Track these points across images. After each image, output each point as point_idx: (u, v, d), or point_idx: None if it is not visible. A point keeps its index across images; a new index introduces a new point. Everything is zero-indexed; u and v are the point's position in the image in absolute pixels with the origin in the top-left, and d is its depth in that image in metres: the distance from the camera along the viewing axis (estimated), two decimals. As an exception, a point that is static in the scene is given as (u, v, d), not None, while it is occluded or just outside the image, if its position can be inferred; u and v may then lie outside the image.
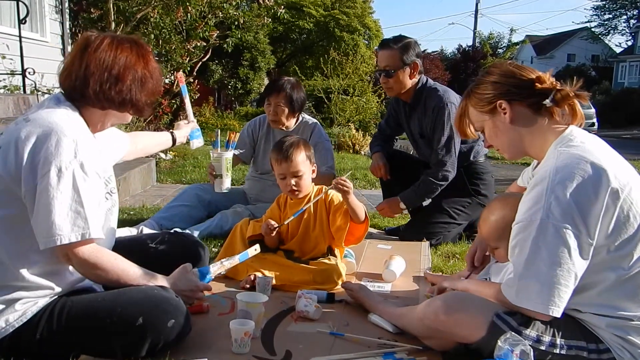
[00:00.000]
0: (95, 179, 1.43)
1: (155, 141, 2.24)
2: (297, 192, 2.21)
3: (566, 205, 1.33)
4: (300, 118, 3.10)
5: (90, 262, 1.42)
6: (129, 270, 1.52)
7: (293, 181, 2.19)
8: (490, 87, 1.55)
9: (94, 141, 1.53)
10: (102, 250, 1.46)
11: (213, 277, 1.76)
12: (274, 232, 2.17)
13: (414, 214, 3.14)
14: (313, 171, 2.27)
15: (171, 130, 2.27)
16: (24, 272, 1.41)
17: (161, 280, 1.56)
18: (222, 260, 1.83)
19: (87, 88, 1.48)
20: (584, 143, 1.44)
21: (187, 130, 2.30)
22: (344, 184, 2.07)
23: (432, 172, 2.85)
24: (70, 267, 1.47)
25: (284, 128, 3.03)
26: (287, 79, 3.04)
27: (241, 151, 2.96)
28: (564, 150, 1.43)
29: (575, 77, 1.51)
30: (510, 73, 1.54)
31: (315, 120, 3.14)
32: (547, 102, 1.49)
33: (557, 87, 1.49)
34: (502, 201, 1.80)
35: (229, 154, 2.53)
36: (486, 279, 1.88)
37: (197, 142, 2.39)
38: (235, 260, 1.85)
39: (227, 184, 2.53)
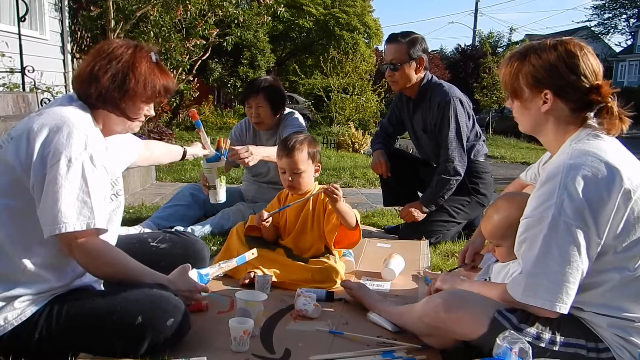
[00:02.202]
0: (103, 173, 1.45)
1: (169, 151, 2.34)
2: (293, 188, 2.22)
3: (579, 203, 1.32)
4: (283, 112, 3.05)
5: (93, 253, 1.43)
6: (130, 265, 1.52)
7: (290, 177, 2.20)
8: (548, 70, 1.43)
9: (103, 139, 1.55)
10: (105, 243, 1.47)
11: (211, 279, 1.76)
12: (266, 222, 2.17)
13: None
14: (316, 170, 2.27)
15: (184, 147, 2.39)
16: (27, 262, 1.41)
17: (161, 279, 1.56)
18: (220, 262, 1.85)
19: (74, 85, 1.54)
20: (599, 141, 1.42)
21: (199, 151, 2.41)
22: (333, 192, 2.08)
23: (442, 170, 2.85)
24: (72, 264, 1.47)
25: (267, 129, 3.02)
26: (264, 78, 3.01)
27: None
28: (579, 147, 1.41)
29: (633, 103, 1.44)
30: (574, 67, 1.42)
31: (291, 110, 3.10)
32: (591, 115, 1.45)
33: (608, 103, 1.43)
34: (508, 200, 1.78)
35: (220, 163, 2.47)
36: (485, 279, 1.88)
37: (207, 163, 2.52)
38: (233, 263, 1.87)
39: (221, 194, 2.47)
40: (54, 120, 1.42)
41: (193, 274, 1.67)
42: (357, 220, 2.19)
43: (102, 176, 1.45)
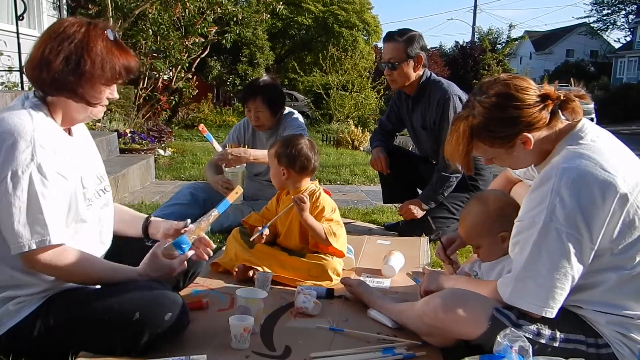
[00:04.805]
0: (57, 180, 1.37)
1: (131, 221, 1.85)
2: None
3: (571, 209, 1.31)
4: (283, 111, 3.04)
5: (52, 266, 1.38)
6: (96, 270, 1.47)
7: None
8: (509, 123, 1.42)
9: (62, 139, 1.46)
10: (64, 252, 1.39)
11: (192, 243, 1.61)
12: (264, 236, 2.19)
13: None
14: (283, 173, 2.23)
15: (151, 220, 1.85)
16: (11, 271, 1.39)
17: (131, 274, 1.51)
18: (200, 219, 1.68)
19: (27, 72, 1.44)
20: (594, 142, 1.40)
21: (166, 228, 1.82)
22: (302, 200, 2.11)
23: (442, 167, 2.85)
24: None
25: (267, 129, 3.02)
26: (262, 80, 2.99)
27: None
28: (574, 149, 1.39)
29: (572, 79, 1.49)
30: (524, 102, 1.41)
31: (291, 110, 3.09)
32: (562, 117, 1.44)
33: (562, 97, 1.44)
34: (477, 200, 1.82)
35: (242, 168, 2.78)
36: (476, 274, 1.87)
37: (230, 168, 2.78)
38: (213, 213, 1.67)
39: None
40: (0, 129, 1.34)
41: (169, 248, 1.55)
42: (330, 238, 2.14)
43: (55, 184, 1.36)
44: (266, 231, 2.18)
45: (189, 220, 1.69)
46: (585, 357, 1.38)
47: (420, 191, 3.13)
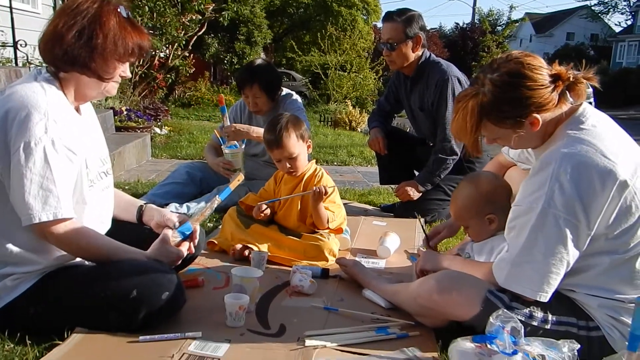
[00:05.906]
0: (67, 156, 1.38)
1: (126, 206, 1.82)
2: (294, 173, 2.23)
3: (569, 195, 1.30)
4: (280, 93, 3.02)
5: (66, 240, 1.40)
6: (106, 247, 1.48)
7: (288, 164, 2.20)
8: (520, 104, 1.38)
9: (73, 116, 1.46)
10: (78, 228, 1.42)
11: (195, 228, 1.67)
12: (264, 213, 2.21)
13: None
14: (309, 147, 2.28)
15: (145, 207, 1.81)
16: (11, 246, 1.40)
17: (139, 256, 1.53)
18: (203, 208, 1.73)
19: (40, 48, 1.43)
20: (595, 127, 1.39)
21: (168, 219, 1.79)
22: (320, 193, 2.11)
23: (440, 149, 2.85)
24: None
25: (265, 113, 3.01)
26: (258, 64, 2.95)
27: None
28: (575, 134, 1.38)
29: (584, 61, 1.44)
30: (536, 82, 1.37)
31: (289, 92, 3.06)
32: (570, 99, 1.42)
33: (572, 79, 1.41)
34: (469, 181, 1.84)
35: (242, 148, 2.85)
36: (468, 256, 1.89)
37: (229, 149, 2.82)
38: (216, 201, 1.75)
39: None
40: (12, 102, 1.34)
41: (175, 235, 1.61)
42: (328, 224, 2.19)
43: (65, 160, 1.38)
44: (266, 210, 2.19)
45: (177, 223, 1.68)
46: (576, 339, 1.39)
47: (417, 173, 3.13)
